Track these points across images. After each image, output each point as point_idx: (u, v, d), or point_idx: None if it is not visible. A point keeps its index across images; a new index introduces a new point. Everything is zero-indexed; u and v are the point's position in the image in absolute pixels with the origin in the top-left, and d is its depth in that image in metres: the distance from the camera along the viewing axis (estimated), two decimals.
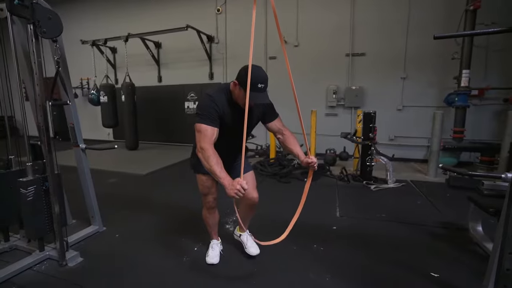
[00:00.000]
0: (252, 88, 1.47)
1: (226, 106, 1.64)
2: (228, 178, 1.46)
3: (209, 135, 1.55)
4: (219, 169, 1.48)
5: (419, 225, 2.69)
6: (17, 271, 1.95)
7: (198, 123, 1.58)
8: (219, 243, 2.19)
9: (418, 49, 5.18)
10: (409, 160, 5.42)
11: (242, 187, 1.39)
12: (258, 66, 1.58)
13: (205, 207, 1.99)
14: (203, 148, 1.53)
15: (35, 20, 1.74)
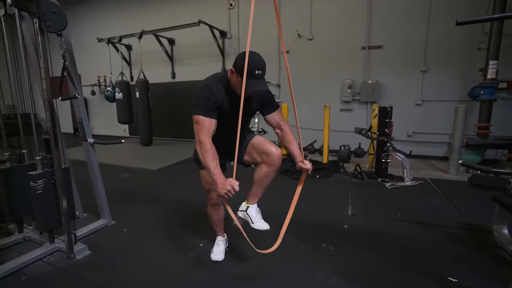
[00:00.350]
0: (249, 76, 1.41)
1: (223, 95, 1.58)
2: (221, 176, 1.47)
3: (207, 127, 1.52)
4: (214, 165, 1.48)
5: (437, 226, 2.53)
6: (28, 262, 2.01)
7: (196, 114, 1.54)
8: (225, 239, 2.15)
9: (440, 39, 4.88)
10: (428, 157, 5.15)
11: (233, 187, 1.40)
12: (255, 52, 1.50)
13: (209, 203, 1.95)
14: (201, 141, 1.51)
15: (40, 14, 1.75)
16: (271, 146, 1.67)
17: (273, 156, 1.65)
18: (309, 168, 1.64)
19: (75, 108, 2.33)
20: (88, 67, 8.79)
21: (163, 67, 7.58)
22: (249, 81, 1.42)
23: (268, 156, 1.66)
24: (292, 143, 1.73)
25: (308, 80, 5.99)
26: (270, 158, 1.65)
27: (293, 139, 1.74)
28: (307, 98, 6.00)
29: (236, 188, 1.41)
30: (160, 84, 7.54)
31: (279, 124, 1.76)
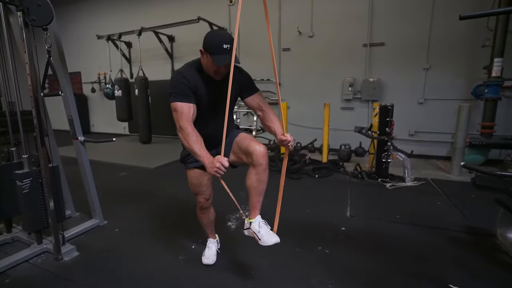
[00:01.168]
0: (217, 51, 1.39)
1: (197, 78, 1.53)
2: (208, 156, 1.42)
3: (186, 112, 1.47)
4: (198, 147, 1.44)
5: (438, 228, 2.44)
6: (14, 264, 1.95)
7: (172, 101, 1.49)
8: (216, 241, 2.08)
9: (444, 36, 4.76)
10: (431, 157, 5.05)
11: (222, 164, 1.35)
12: (221, 30, 1.45)
13: (198, 206, 1.86)
14: (182, 127, 1.46)
15: (24, 8, 1.68)
16: (255, 143, 1.54)
17: (256, 155, 1.51)
18: (290, 140, 1.52)
19: (64, 105, 2.26)
20: (89, 64, 8.77)
21: (163, 65, 7.51)
22: (217, 56, 1.39)
23: (252, 155, 1.52)
24: (273, 121, 1.64)
25: (309, 77, 5.90)
26: (254, 157, 1.51)
27: (275, 118, 1.65)
28: (308, 96, 5.92)
29: (226, 163, 1.36)
30: (160, 82, 7.47)
31: (260, 106, 1.68)
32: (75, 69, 9.07)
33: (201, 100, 1.56)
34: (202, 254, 2.01)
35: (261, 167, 1.51)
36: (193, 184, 1.73)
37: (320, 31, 5.70)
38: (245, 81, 1.65)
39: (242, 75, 1.65)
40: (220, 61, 1.40)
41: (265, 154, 1.52)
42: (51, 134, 2.36)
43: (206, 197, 1.78)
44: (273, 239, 1.50)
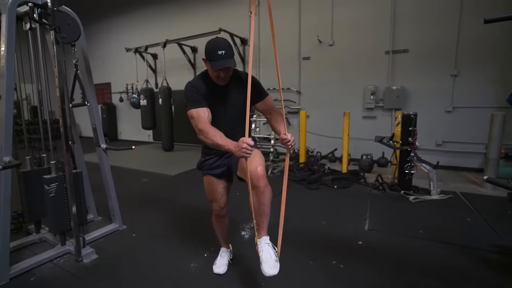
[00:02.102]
0: (214, 57, 1.46)
1: (206, 87, 1.60)
2: (232, 142, 1.42)
3: (202, 115, 1.54)
4: (221, 139, 1.45)
5: (468, 247, 2.26)
6: (39, 263, 2.08)
7: (188, 110, 1.57)
8: (229, 251, 2.08)
9: (474, 40, 4.50)
10: (460, 168, 4.73)
11: (247, 144, 1.34)
12: (219, 37, 1.56)
13: (213, 213, 1.89)
14: (201, 129, 1.50)
15: (56, 27, 1.83)
16: (254, 163, 1.47)
17: (253, 177, 1.45)
18: (290, 139, 1.47)
19: (89, 115, 2.41)
20: (117, 75, 9.31)
21: (186, 74, 7.76)
22: (214, 62, 1.46)
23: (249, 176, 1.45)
24: (278, 121, 1.65)
25: (329, 86, 5.83)
26: (251, 179, 1.45)
27: (281, 118, 1.66)
28: (328, 105, 5.84)
29: (251, 143, 1.36)
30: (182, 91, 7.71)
31: (268, 110, 1.71)
32: (105, 80, 9.68)
33: (214, 109, 1.62)
34: (214, 262, 2.02)
35: (258, 189, 1.47)
36: (208, 191, 1.78)
37: (340, 39, 5.64)
38: (255, 86, 1.63)
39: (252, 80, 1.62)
40: (216, 66, 1.46)
41: (261, 176, 1.47)
42: (77, 141, 2.52)
43: (221, 205, 1.80)
44: (270, 271, 1.44)
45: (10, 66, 1.81)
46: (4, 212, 1.85)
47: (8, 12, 1.78)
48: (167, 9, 7.87)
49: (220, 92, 1.62)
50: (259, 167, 1.48)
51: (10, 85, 1.82)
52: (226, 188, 1.80)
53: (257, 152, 1.62)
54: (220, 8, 7.01)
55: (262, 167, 1.50)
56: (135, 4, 8.47)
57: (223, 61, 1.46)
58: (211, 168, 1.73)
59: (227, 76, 1.57)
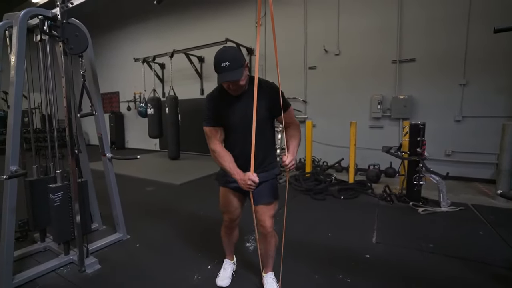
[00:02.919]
0: (218, 70, 1.44)
1: (221, 99, 1.60)
2: (239, 172, 1.52)
3: (213, 135, 1.61)
4: (229, 165, 1.55)
5: (480, 263, 2.17)
6: (43, 272, 2.07)
7: (204, 126, 1.64)
8: (233, 263, 2.05)
9: (483, 49, 4.45)
10: (471, 179, 4.60)
11: (252, 180, 1.45)
12: (227, 47, 1.52)
13: (223, 225, 1.88)
14: (213, 149, 1.61)
15: (64, 38, 1.87)
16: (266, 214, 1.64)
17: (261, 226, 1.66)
18: (287, 163, 1.45)
19: (96, 124, 2.43)
20: (126, 84, 9.49)
21: (193, 84, 7.88)
22: (219, 75, 1.44)
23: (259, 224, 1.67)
24: (291, 140, 1.62)
25: (336, 95, 5.81)
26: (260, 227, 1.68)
27: (295, 136, 1.64)
28: (334, 114, 5.81)
29: (256, 179, 1.46)
30: (189, 100, 7.82)
31: (287, 123, 1.63)
32: (114, 89, 9.87)
33: (227, 118, 1.59)
34: (217, 275, 1.98)
35: (265, 239, 1.68)
36: (223, 202, 1.78)
37: (346, 49, 5.65)
38: (277, 97, 1.55)
39: (274, 90, 1.56)
40: (220, 79, 1.45)
41: (270, 232, 1.67)
42: (83, 150, 2.54)
43: (232, 217, 1.78)
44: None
45: (19, 77, 1.85)
46: (9, 222, 1.85)
47: (19, 24, 1.83)
48: (175, 19, 8.05)
49: (237, 102, 1.56)
50: (267, 220, 1.63)
51: (18, 95, 1.85)
52: (241, 201, 1.77)
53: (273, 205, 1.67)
54: (227, 19, 7.13)
55: (271, 220, 1.64)
56: (144, 15, 8.69)
57: (226, 74, 1.42)
58: (228, 181, 1.68)
59: (238, 88, 1.50)
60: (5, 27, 2.06)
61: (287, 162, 1.45)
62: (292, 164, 1.47)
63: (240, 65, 1.44)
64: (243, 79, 1.47)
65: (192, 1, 7.52)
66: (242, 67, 1.44)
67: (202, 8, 7.52)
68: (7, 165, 1.86)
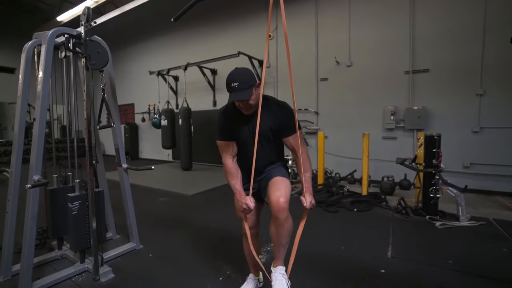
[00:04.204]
0: (229, 89, 1.51)
1: (232, 116, 1.67)
2: (240, 193, 1.59)
3: (225, 149, 1.67)
4: (234, 183, 1.63)
5: (505, 282, 2.06)
6: (59, 280, 2.12)
7: (217, 140, 1.70)
8: (257, 279, 1.97)
9: (500, 57, 4.35)
10: (492, 192, 4.42)
11: (247, 205, 1.51)
12: (239, 68, 1.56)
13: (242, 233, 1.84)
14: (223, 163, 1.69)
15: (87, 54, 1.98)
16: (277, 194, 1.53)
17: (274, 207, 1.53)
18: (307, 205, 1.52)
19: (113, 136, 2.52)
20: (140, 96, 9.79)
21: (206, 96, 8.05)
22: (230, 95, 1.51)
23: (271, 206, 1.57)
24: (303, 173, 1.62)
25: (347, 107, 5.79)
26: (272, 209, 1.55)
27: (307, 168, 1.64)
28: (347, 126, 5.77)
29: (250, 205, 1.51)
30: (202, 112, 7.98)
31: (295, 150, 1.66)
32: (129, 101, 10.19)
33: (238, 134, 1.66)
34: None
35: (278, 221, 1.54)
36: (237, 209, 1.77)
37: (358, 60, 5.66)
38: (284, 119, 1.59)
39: (282, 112, 1.60)
40: (230, 99, 1.52)
41: (283, 208, 1.51)
42: (100, 160, 2.63)
43: (249, 224, 1.77)
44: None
45: (45, 92, 1.96)
46: (31, 229, 1.92)
47: (47, 42, 1.95)
48: (189, 34, 8.32)
49: (247, 121, 1.63)
50: (281, 198, 1.53)
51: (44, 108, 1.96)
52: (257, 208, 1.76)
53: (284, 182, 1.63)
54: (239, 32, 7.32)
55: (285, 200, 1.53)
56: (158, 31, 9.04)
57: (236, 94, 1.48)
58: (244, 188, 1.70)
59: (248, 107, 1.56)
60: (34, 46, 2.20)
61: (307, 204, 1.52)
62: (312, 204, 1.54)
63: (249, 86, 1.50)
64: (252, 99, 1.52)
65: (205, 15, 7.77)
66: (251, 88, 1.51)
67: (215, 22, 7.76)
68: (30, 174, 1.94)
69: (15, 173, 2.15)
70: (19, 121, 2.14)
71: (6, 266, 2.15)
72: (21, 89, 2.14)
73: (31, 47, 2.21)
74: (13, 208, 2.15)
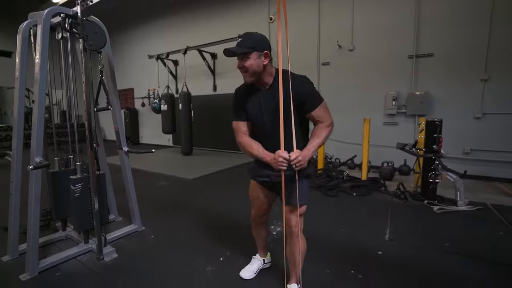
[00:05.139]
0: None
1: (246, 93, 1.60)
2: (269, 154, 1.47)
3: (241, 129, 1.61)
4: (258, 151, 1.52)
5: (497, 263, 2.11)
6: (64, 259, 2.18)
7: (233, 121, 1.65)
8: (262, 260, 2.02)
9: (507, 43, 4.25)
10: (491, 178, 4.44)
11: (283, 157, 1.38)
12: (258, 33, 1.53)
13: (251, 217, 1.88)
14: (240, 142, 1.62)
15: (84, 35, 1.94)
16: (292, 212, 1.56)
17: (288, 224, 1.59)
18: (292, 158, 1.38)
19: (112, 118, 2.51)
20: (140, 81, 9.68)
21: (206, 80, 7.96)
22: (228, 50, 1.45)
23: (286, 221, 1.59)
24: (313, 137, 1.51)
25: (349, 92, 5.73)
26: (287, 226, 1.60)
27: (320, 135, 1.49)
28: (348, 111, 5.72)
29: (286, 156, 1.38)
30: (202, 97, 7.91)
31: (317, 121, 1.53)
32: (129, 86, 10.09)
33: (254, 116, 1.57)
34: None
35: (291, 241, 1.62)
36: (251, 195, 1.80)
37: (361, 44, 5.54)
38: (303, 92, 1.47)
39: (300, 85, 1.47)
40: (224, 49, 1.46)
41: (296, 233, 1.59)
42: (101, 144, 2.63)
43: (258, 212, 1.79)
44: None
45: (43, 73, 1.94)
46: (35, 210, 1.96)
47: (43, 22, 1.91)
48: (188, 17, 8.12)
49: (262, 97, 1.54)
50: (293, 219, 1.57)
51: (42, 90, 1.94)
52: (268, 197, 1.74)
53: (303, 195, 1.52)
54: (239, 15, 7.14)
55: (300, 221, 1.59)
56: (158, 13, 8.81)
57: (234, 47, 1.45)
58: (257, 175, 1.68)
59: (245, 71, 1.47)
60: (30, 26, 2.15)
61: (292, 157, 1.37)
62: (298, 161, 1.37)
63: (249, 46, 1.43)
64: (250, 64, 1.44)
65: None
66: (251, 49, 1.42)
67: (215, 5, 7.55)
68: (32, 157, 1.96)
69: (17, 155, 2.16)
70: (18, 102, 2.13)
71: (13, 246, 2.20)
72: (18, 70, 2.11)
73: (27, 27, 2.17)
74: (16, 189, 2.18)
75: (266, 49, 1.46)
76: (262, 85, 1.54)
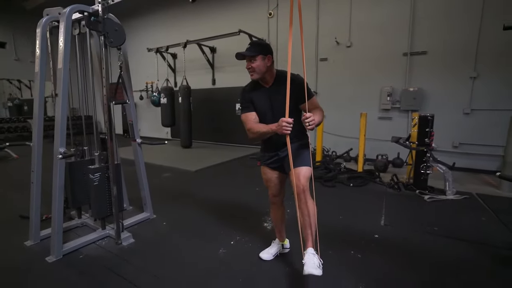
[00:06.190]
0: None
1: (254, 90, 1.87)
2: (275, 124, 1.65)
3: (250, 118, 1.82)
4: (264, 127, 1.74)
5: (480, 243, 2.36)
6: (85, 243, 2.33)
7: (241, 114, 1.88)
8: (281, 244, 2.19)
9: (494, 43, 4.50)
10: (477, 171, 4.73)
11: (287, 121, 1.56)
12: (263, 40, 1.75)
13: (269, 200, 2.07)
14: (248, 128, 1.80)
15: (105, 32, 2.06)
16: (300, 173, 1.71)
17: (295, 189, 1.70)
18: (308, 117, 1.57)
19: (127, 111, 2.64)
20: (138, 74, 9.62)
21: (205, 74, 8.04)
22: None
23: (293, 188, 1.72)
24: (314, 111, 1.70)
25: (346, 87, 5.92)
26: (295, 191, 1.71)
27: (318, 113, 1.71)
28: (344, 105, 5.93)
29: (290, 120, 1.56)
30: (201, 90, 7.99)
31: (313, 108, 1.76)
32: None
33: (259, 107, 1.84)
34: None
35: (300, 201, 1.72)
36: (264, 179, 2.01)
37: (358, 41, 5.72)
38: (297, 89, 1.69)
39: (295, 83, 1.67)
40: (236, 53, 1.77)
41: (303, 190, 1.70)
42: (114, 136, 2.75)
43: (273, 192, 2.00)
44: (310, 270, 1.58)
45: (66, 67, 2.05)
46: (59, 197, 2.09)
47: (66, 20, 2.01)
48: (188, 10, 8.12)
49: (266, 93, 1.83)
50: (302, 180, 1.72)
51: (65, 83, 2.06)
52: (280, 178, 1.97)
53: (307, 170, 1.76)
54: (240, 10, 7.21)
55: (305, 180, 1.73)
56: (157, 6, 8.78)
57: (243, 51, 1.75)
58: (266, 159, 1.94)
59: (251, 70, 1.76)
60: (48, 22, 2.24)
61: (307, 115, 1.57)
62: (312, 119, 1.55)
63: (257, 50, 1.74)
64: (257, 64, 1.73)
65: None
66: (258, 53, 1.73)
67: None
68: (56, 148, 2.08)
69: (37, 145, 2.28)
70: (38, 96, 2.24)
71: (35, 232, 2.34)
72: (38, 65, 2.22)
73: (46, 23, 2.26)
74: (37, 178, 2.30)
75: (269, 54, 1.78)
76: (265, 83, 1.84)
